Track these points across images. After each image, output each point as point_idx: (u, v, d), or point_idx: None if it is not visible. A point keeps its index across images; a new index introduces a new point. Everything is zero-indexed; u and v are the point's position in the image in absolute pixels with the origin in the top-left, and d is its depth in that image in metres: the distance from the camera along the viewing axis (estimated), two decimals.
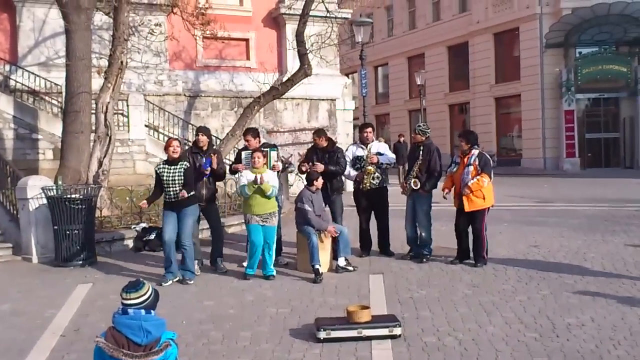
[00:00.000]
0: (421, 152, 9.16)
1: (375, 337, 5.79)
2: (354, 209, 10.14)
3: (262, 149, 8.95)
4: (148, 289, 3.52)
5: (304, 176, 9.57)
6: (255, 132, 9.41)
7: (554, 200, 16.99)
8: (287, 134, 20.40)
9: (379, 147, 9.72)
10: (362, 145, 9.64)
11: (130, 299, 3.45)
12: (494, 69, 34.62)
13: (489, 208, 8.88)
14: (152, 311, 3.49)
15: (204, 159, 8.73)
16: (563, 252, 9.66)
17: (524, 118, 32.97)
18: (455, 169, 8.92)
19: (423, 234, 9.28)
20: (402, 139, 25.69)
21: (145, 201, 8.57)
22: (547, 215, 13.81)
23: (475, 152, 8.82)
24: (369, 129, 9.78)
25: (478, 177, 8.65)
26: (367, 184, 9.53)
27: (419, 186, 9.11)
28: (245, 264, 8.83)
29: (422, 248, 9.32)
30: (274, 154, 9.08)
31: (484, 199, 8.73)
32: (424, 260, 9.16)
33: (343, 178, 9.76)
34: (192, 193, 8.36)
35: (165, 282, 8.22)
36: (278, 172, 9.08)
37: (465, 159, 8.83)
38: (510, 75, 33.55)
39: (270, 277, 8.40)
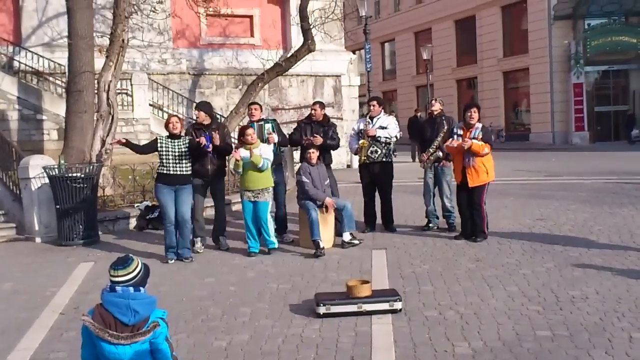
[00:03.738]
0: (444, 122, 9.19)
1: (375, 311, 5.73)
2: (359, 185, 10.04)
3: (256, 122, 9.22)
4: (137, 265, 3.40)
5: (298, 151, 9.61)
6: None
7: (561, 174, 16.81)
8: (292, 111, 20.25)
9: (384, 121, 9.56)
10: (369, 119, 9.56)
11: (118, 276, 3.33)
12: (502, 43, 34.23)
13: (488, 183, 8.73)
14: (141, 288, 3.39)
15: (205, 136, 8.61)
16: (569, 225, 9.54)
17: (532, 92, 32.62)
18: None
19: (448, 205, 9.37)
20: (419, 114, 23.76)
21: (125, 140, 8.56)
22: (554, 189, 13.66)
23: (479, 125, 8.64)
24: (373, 102, 9.69)
25: (481, 143, 8.44)
26: (363, 157, 9.45)
27: (443, 157, 9.06)
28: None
29: (449, 217, 9.46)
30: (268, 125, 9.19)
31: (487, 173, 8.58)
32: (436, 227, 9.47)
33: (332, 152, 9.72)
34: (189, 172, 8.37)
35: (171, 261, 8.21)
36: (275, 144, 9.09)
37: (469, 132, 8.59)
38: (518, 49, 33.16)
39: (273, 250, 8.42)
